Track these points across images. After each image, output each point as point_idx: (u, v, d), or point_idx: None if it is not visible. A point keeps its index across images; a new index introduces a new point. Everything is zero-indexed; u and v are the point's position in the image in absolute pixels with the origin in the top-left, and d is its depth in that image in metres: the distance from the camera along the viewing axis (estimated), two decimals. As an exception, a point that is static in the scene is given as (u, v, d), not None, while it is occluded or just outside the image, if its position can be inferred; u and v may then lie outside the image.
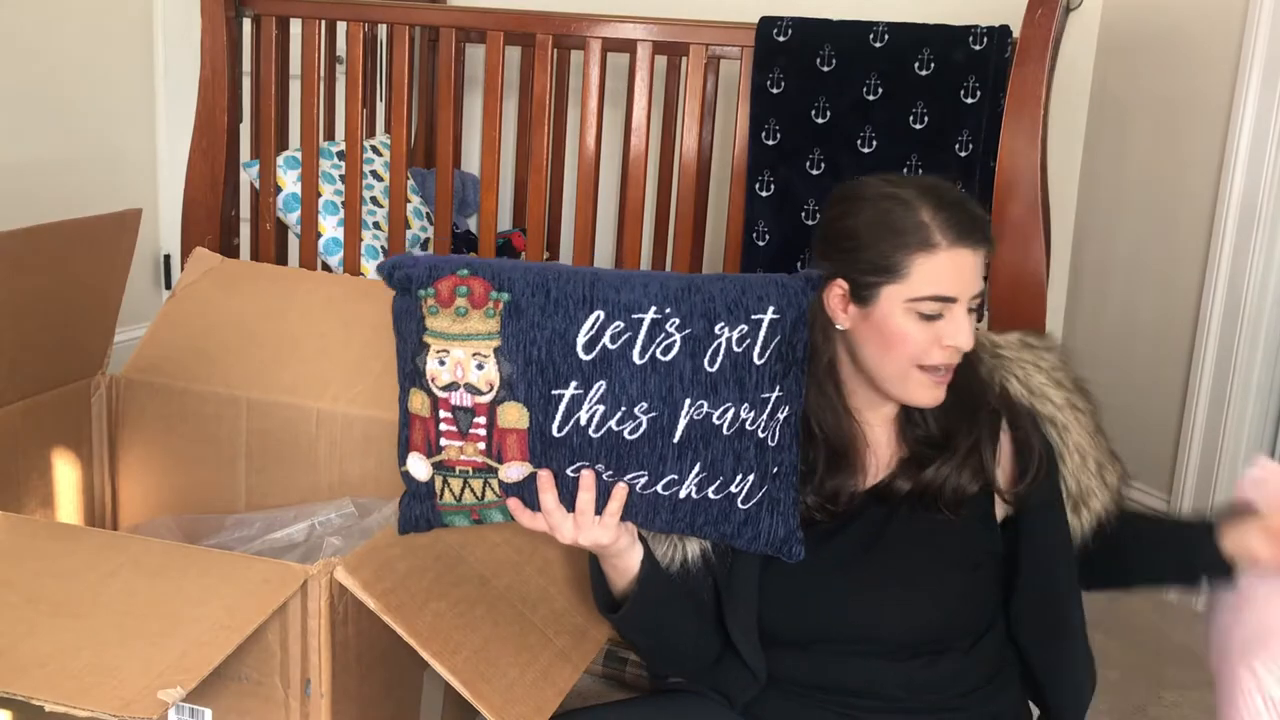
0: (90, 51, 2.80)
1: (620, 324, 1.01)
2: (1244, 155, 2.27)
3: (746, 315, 1.04)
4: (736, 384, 1.04)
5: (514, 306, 1.01)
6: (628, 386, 1.01)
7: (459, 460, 1.04)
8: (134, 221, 1.64)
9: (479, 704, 1.07)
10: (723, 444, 1.05)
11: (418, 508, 1.10)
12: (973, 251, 1.15)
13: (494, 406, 1.02)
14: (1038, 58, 1.87)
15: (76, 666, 0.97)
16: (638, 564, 1.14)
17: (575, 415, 1.01)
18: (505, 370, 1.01)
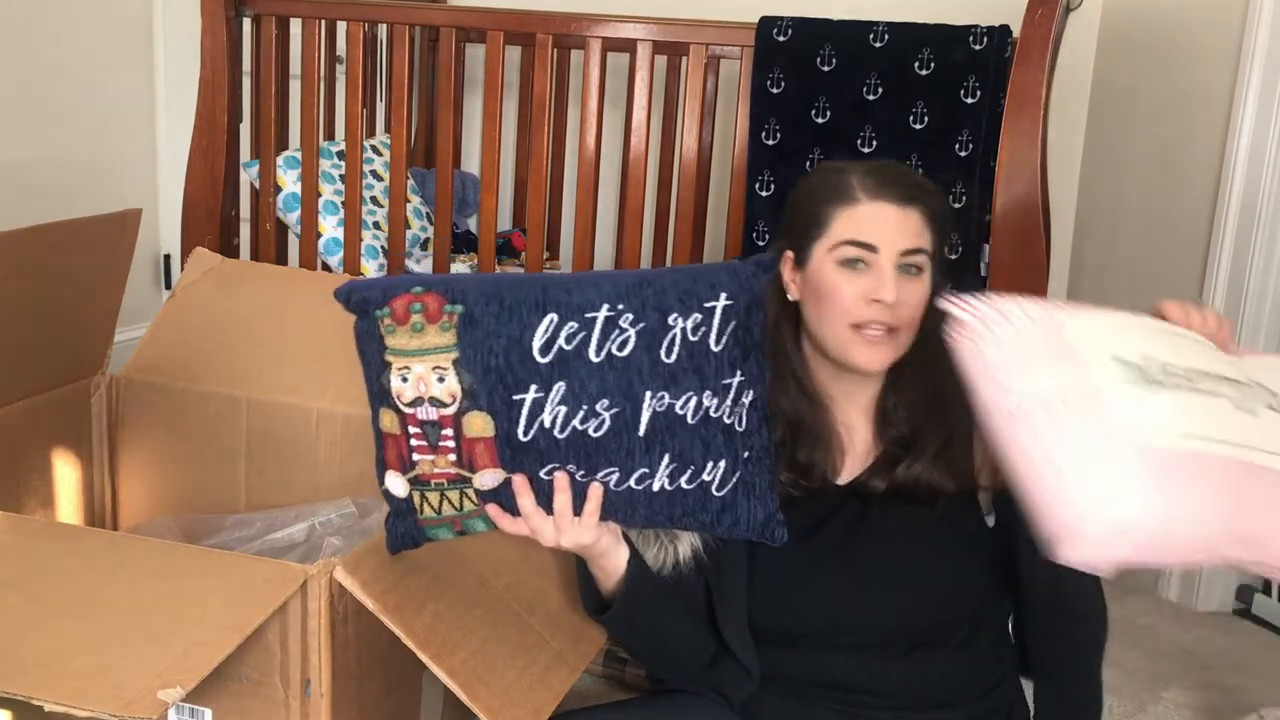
0: (90, 51, 2.80)
1: (574, 324, 1.02)
2: (1244, 155, 2.27)
3: (699, 304, 1.05)
4: (695, 373, 1.05)
5: (468, 317, 1.02)
6: (587, 385, 1.02)
7: (433, 474, 1.05)
8: (134, 221, 1.64)
9: (476, 706, 1.07)
10: (689, 433, 1.06)
11: (401, 525, 1.11)
12: (898, 207, 1.19)
13: (459, 418, 1.03)
14: (1038, 58, 1.87)
15: (76, 666, 0.97)
16: (624, 564, 1.15)
17: (539, 418, 1.02)
18: (465, 381, 1.01)
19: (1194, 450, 0.94)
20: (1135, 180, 2.74)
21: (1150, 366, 0.97)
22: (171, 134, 2.96)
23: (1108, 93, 2.89)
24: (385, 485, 1.09)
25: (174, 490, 1.74)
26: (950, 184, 2.03)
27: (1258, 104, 2.25)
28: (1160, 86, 2.65)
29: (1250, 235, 2.28)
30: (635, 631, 1.21)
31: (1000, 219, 1.93)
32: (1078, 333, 0.99)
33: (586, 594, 1.21)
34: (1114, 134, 2.85)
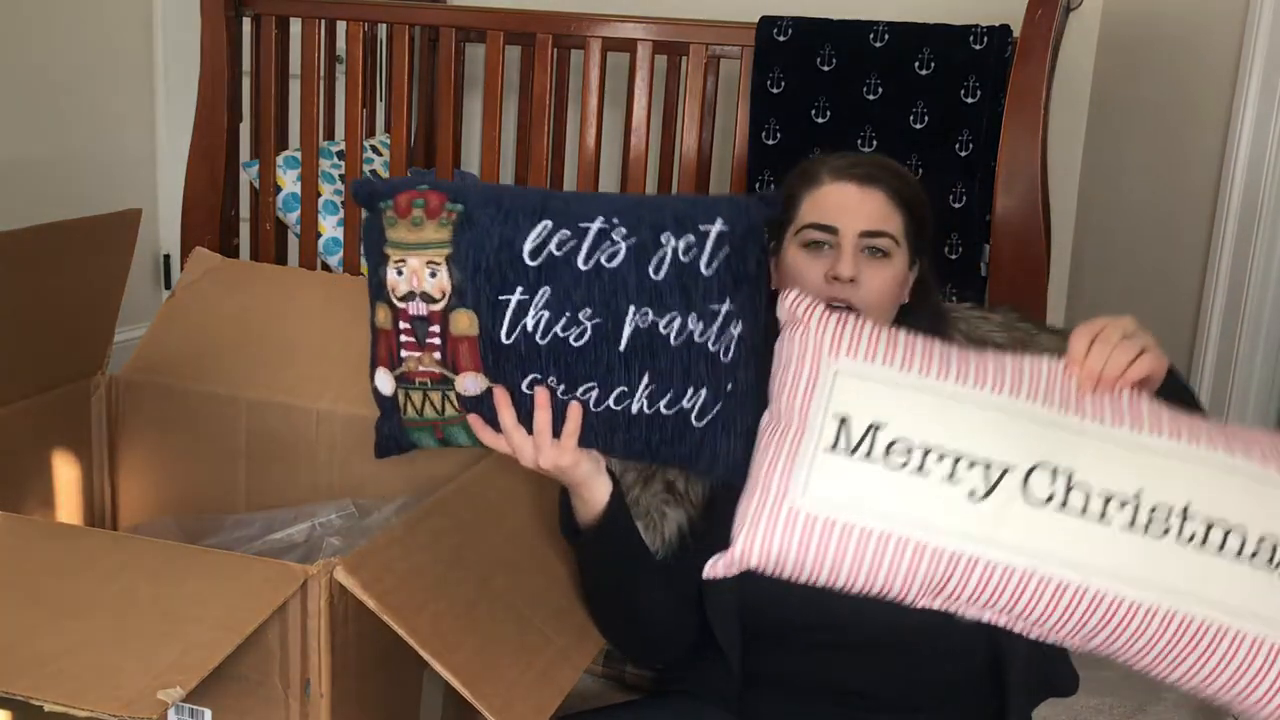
0: (90, 51, 2.80)
1: (567, 232, 1.03)
2: (1244, 155, 2.27)
3: (694, 226, 1.05)
4: (682, 293, 1.04)
5: (467, 217, 1.04)
6: (572, 292, 1.03)
7: (418, 371, 1.07)
8: (134, 221, 1.64)
9: (479, 704, 1.07)
10: (670, 355, 1.05)
11: (386, 426, 1.13)
12: (858, 187, 1.19)
13: (446, 314, 1.04)
14: (1038, 58, 1.87)
15: (76, 666, 0.96)
16: (605, 496, 1.14)
17: (522, 321, 1.03)
18: (456, 277, 1.03)
19: (842, 521, 0.98)
20: (1135, 180, 2.74)
21: (865, 438, 0.99)
22: (171, 134, 2.96)
23: (1108, 93, 2.89)
24: (374, 383, 1.11)
25: (174, 490, 1.73)
26: (950, 184, 2.03)
27: (1258, 104, 2.25)
28: (1160, 86, 2.65)
29: (1250, 235, 2.28)
30: (604, 570, 1.21)
31: (1000, 219, 1.93)
32: (844, 377, 1.02)
33: (564, 517, 1.21)
34: (1114, 134, 2.85)
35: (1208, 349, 2.38)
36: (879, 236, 1.19)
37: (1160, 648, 0.98)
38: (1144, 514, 0.97)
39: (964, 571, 0.98)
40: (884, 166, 1.22)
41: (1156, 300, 2.62)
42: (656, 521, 1.21)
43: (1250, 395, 2.32)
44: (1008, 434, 0.99)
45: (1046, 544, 0.97)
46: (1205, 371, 2.39)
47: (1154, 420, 1.01)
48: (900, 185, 1.21)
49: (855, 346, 1.03)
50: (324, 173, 2.49)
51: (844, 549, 0.98)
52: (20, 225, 1.46)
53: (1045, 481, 0.97)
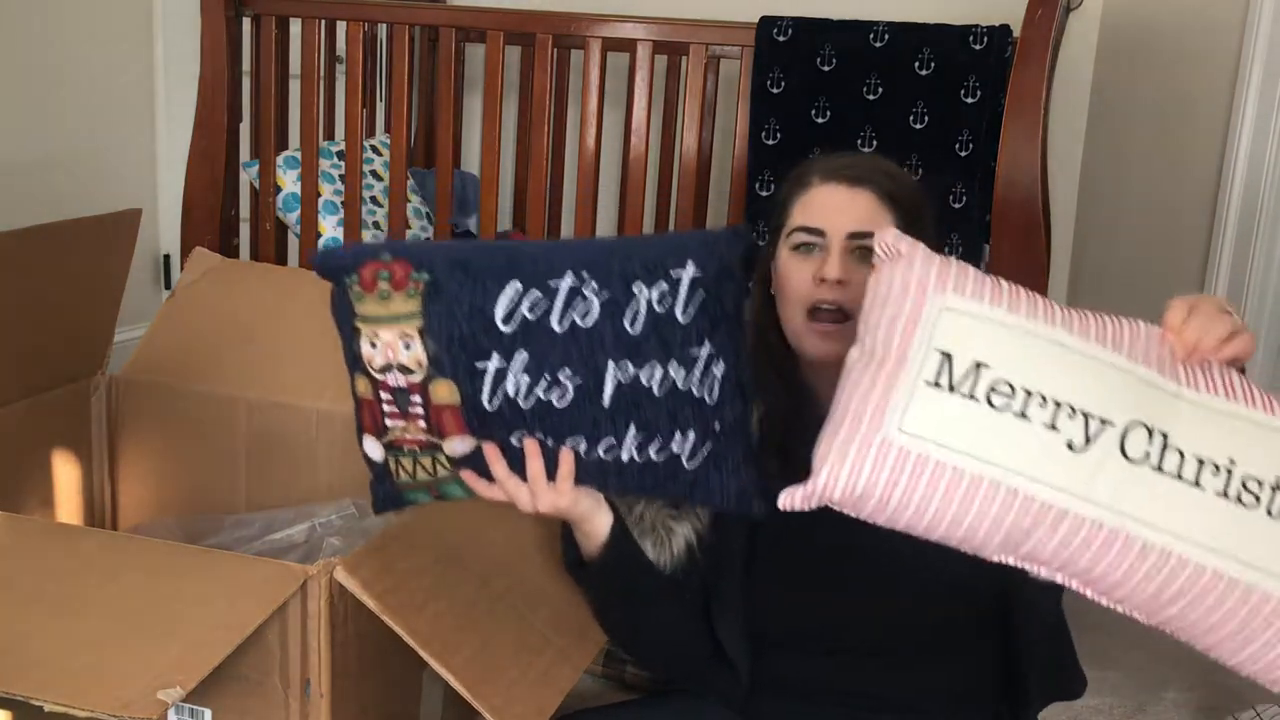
0: (90, 51, 2.80)
1: (538, 293, 1.02)
2: (1244, 155, 2.27)
3: (664, 273, 1.03)
4: (660, 344, 1.03)
5: (434, 286, 1.02)
6: (549, 355, 1.02)
7: (405, 439, 1.06)
8: (134, 221, 1.64)
9: (479, 704, 1.07)
10: (655, 404, 1.04)
11: (380, 489, 1.12)
12: (847, 188, 1.18)
13: (425, 385, 1.03)
14: (1038, 58, 1.87)
15: (76, 666, 0.96)
16: (606, 528, 1.14)
17: (502, 387, 1.02)
18: (430, 349, 1.02)
19: (936, 458, 0.95)
20: (1135, 180, 2.74)
21: (967, 376, 0.96)
22: (171, 134, 2.96)
23: (1108, 93, 2.89)
24: (363, 449, 1.10)
25: (174, 490, 1.73)
26: (950, 184, 2.02)
27: (1258, 104, 2.25)
28: (1160, 86, 2.65)
29: (1250, 235, 2.28)
30: (612, 599, 1.21)
31: (1000, 219, 1.93)
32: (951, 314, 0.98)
33: (568, 550, 1.20)
34: (1114, 134, 2.85)
35: (1208, 349, 2.37)
36: (868, 237, 1.17)
37: (1233, 624, 0.96)
38: (1236, 483, 0.95)
39: (1051, 525, 0.95)
40: (874, 167, 1.22)
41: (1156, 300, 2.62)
42: (664, 537, 1.20)
43: (1250, 395, 2.31)
44: (1110, 387, 0.97)
45: (1137, 504, 0.95)
46: (1205, 371, 2.38)
47: (1246, 393, 0.99)
48: (891, 184, 1.20)
49: (963, 284, 0.99)
50: (324, 173, 2.49)
51: (934, 489, 0.94)
52: (20, 225, 1.46)
53: (1142, 440, 0.95)
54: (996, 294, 1.00)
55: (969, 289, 0.99)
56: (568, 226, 2.91)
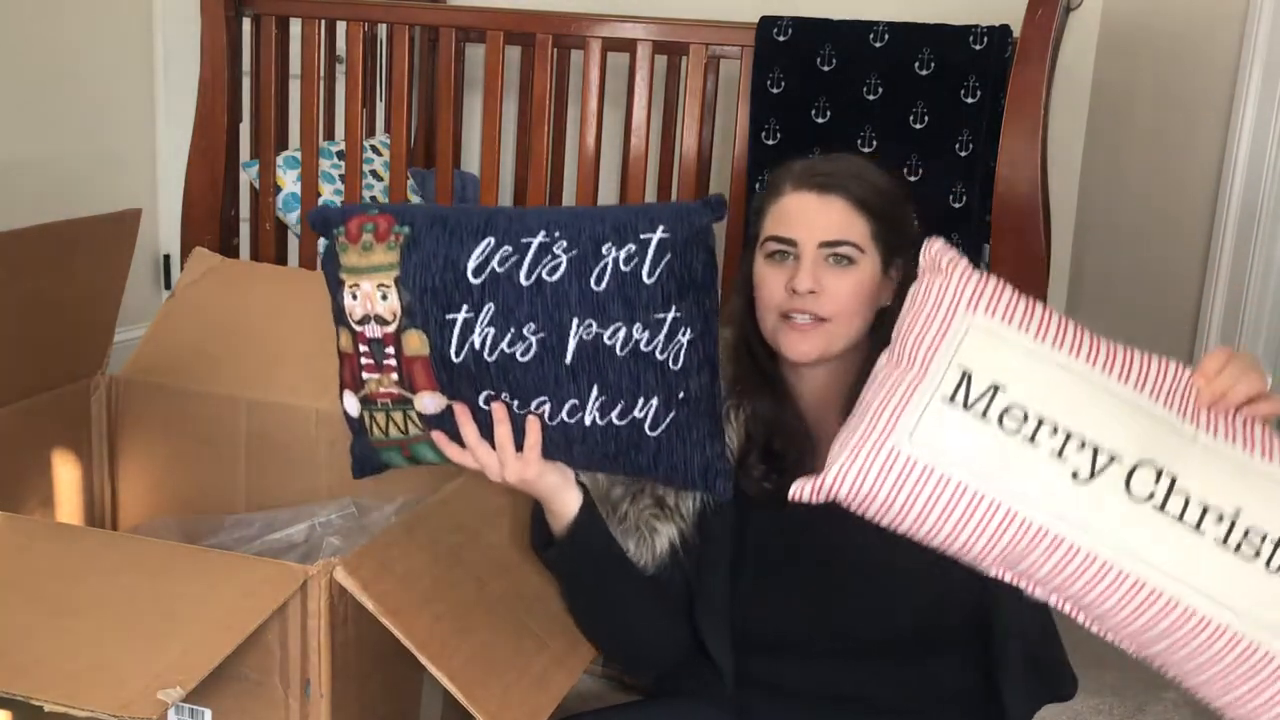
0: (90, 51, 2.80)
1: (509, 248, 1.04)
2: (1244, 155, 2.27)
3: (634, 235, 1.05)
4: (624, 303, 1.04)
5: (413, 239, 1.05)
6: (515, 308, 1.04)
7: (379, 393, 1.09)
8: (134, 221, 1.64)
9: (474, 708, 1.07)
10: (617, 365, 1.06)
11: (357, 446, 1.16)
12: (817, 195, 1.18)
13: (399, 335, 1.06)
14: (1038, 58, 1.87)
15: (76, 666, 0.96)
16: (575, 507, 1.15)
17: (469, 339, 1.04)
18: (405, 299, 1.05)
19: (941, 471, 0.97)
20: (1135, 180, 2.74)
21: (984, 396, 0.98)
22: (171, 134, 2.96)
23: (1108, 93, 2.89)
24: (343, 406, 1.14)
25: (174, 490, 1.73)
26: (950, 184, 2.03)
27: (1258, 104, 2.25)
28: (1160, 86, 2.65)
29: (1250, 235, 2.28)
30: (578, 581, 1.21)
31: (1000, 219, 1.93)
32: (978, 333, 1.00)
33: (536, 530, 1.21)
34: (1114, 134, 2.85)
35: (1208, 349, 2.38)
36: (840, 245, 1.18)
37: (1218, 669, 0.97)
38: (1238, 533, 0.96)
39: (1047, 549, 0.97)
40: (849, 173, 1.21)
41: (1156, 300, 2.62)
42: (647, 537, 1.20)
43: (1250, 395, 2.31)
44: (1124, 424, 0.98)
45: (1134, 540, 0.96)
46: (1205, 371, 2.38)
47: (1265, 446, 1.00)
48: (864, 190, 1.19)
49: (995, 305, 1.01)
50: (324, 173, 2.49)
51: (935, 499, 0.97)
52: (20, 225, 1.46)
53: (1149, 479, 0.96)
54: (1027, 319, 1.01)
55: (1001, 311, 1.01)
56: (568, 226, 2.91)
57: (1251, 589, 0.95)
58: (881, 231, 1.20)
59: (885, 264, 1.21)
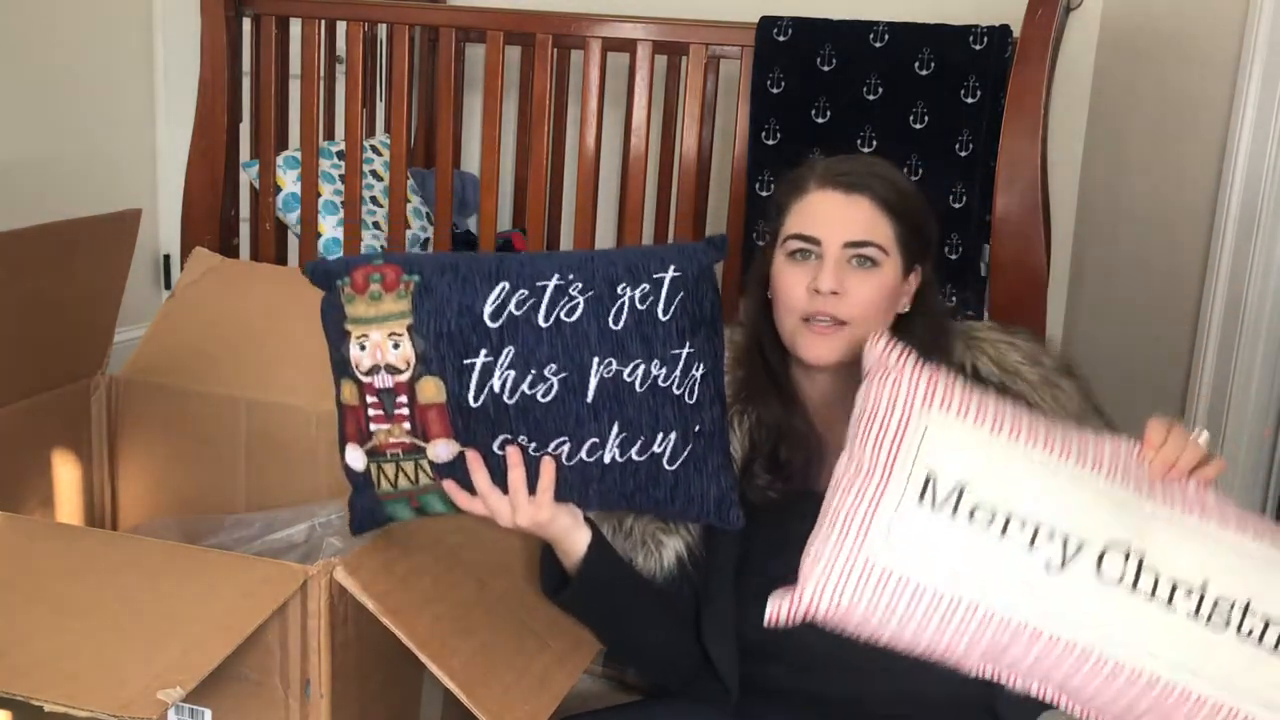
0: (90, 51, 2.80)
1: (524, 292, 1.05)
2: (1244, 155, 2.27)
3: (647, 274, 1.08)
4: (642, 340, 1.07)
5: (424, 286, 1.05)
6: (535, 350, 1.05)
7: (389, 444, 1.08)
8: (134, 221, 1.64)
9: (475, 708, 1.07)
10: (637, 401, 1.07)
11: (359, 501, 1.13)
12: (843, 194, 1.17)
13: (412, 384, 1.05)
14: (1038, 58, 1.87)
15: (76, 666, 0.96)
16: (584, 546, 1.14)
17: (489, 383, 1.04)
18: (419, 346, 1.04)
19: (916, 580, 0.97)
20: (1135, 180, 2.74)
21: (951, 496, 0.98)
22: (171, 134, 2.96)
23: (1108, 93, 2.89)
24: (345, 460, 1.12)
25: (174, 490, 1.73)
26: (950, 184, 2.03)
27: (1258, 104, 2.25)
28: (1160, 86, 2.65)
29: (1250, 235, 2.28)
30: (599, 617, 1.20)
31: (1000, 219, 1.93)
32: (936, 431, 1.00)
33: (546, 574, 1.20)
34: (1114, 134, 2.85)
35: (1208, 349, 2.38)
36: (865, 246, 1.16)
37: None
38: (1207, 605, 0.98)
39: (1028, 642, 0.98)
40: (874, 174, 1.19)
41: (1156, 300, 2.62)
42: (654, 550, 1.20)
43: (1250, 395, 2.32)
44: (1088, 508, 0.99)
45: (1111, 623, 0.97)
46: (1205, 371, 2.39)
47: (1221, 513, 1.02)
48: (890, 192, 1.18)
49: (949, 400, 1.02)
50: (324, 173, 2.49)
51: (914, 610, 0.98)
52: (20, 225, 1.46)
53: (1118, 561, 0.97)
54: (981, 412, 1.02)
55: (955, 406, 1.01)
56: (568, 226, 2.92)
57: (1226, 658, 0.97)
58: (904, 235, 1.19)
59: (906, 269, 1.20)
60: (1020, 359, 1.25)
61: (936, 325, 1.25)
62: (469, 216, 2.93)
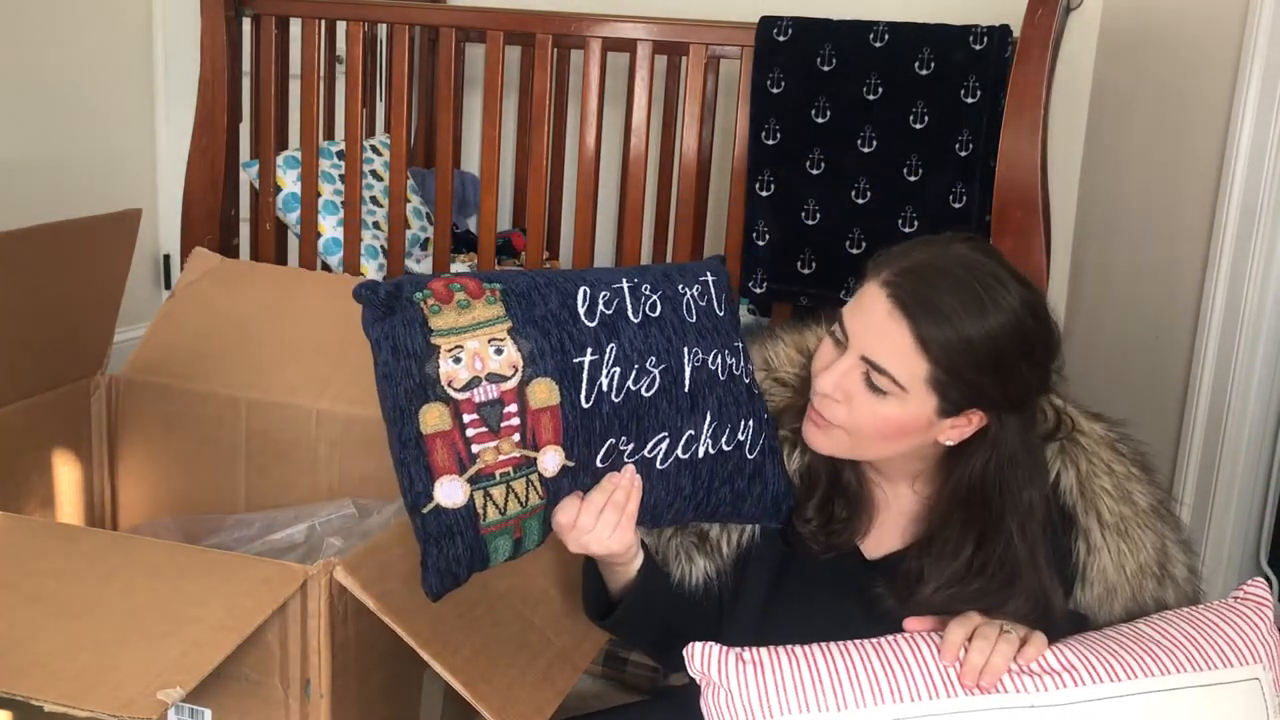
0: (90, 51, 2.80)
1: (606, 292, 1.06)
2: (1244, 155, 2.27)
3: (693, 278, 1.14)
4: (714, 331, 1.12)
5: (509, 291, 1.02)
6: (635, 343, 1.05)
7: (498, 463, 0.98)
8: (134, 221, 1.64)
9: (479, 704, 1.07)
10: (722, 389, 1.10)
11: (454, 548, 0.98)
12: (889, 308, 1.04)
13: (523, 388, 0.99)
14: (1038, 57, 1.87)
15: (76, 666, 0.96)
16: (637, 569, 1.14)
17: (598, 381, 1.02)
18: (524, 347, 0.99)
19: None
20: (1135, 180, 2.74)
21: None
22: (171, 134, 2.96)
23: (1108, 93, 2.89)
24: (437, 499, 0.97)
25: (174, 490, 1.73)
26: (950, 184, 2.03)
27: (1258, 104, 2.25)
28: (1160, 86, 2.65)
29: (1250, 235, 2.28)
30: (647, 628, 1.20)
31: (1000, 219, 1.93)
32: None
33: (591, 599, 1.19)
34: (1114, 134, 2.85)
35: (1208, 349, 2.38)
36: (879, 373, 1.05)
37: None
38: None
39: None
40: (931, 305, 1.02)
41: (1156, 300, 2.62)
42: (684, 564, 1.19)
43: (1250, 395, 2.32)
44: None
45: None
46: (1205, 371, 2.39)
47: (1089, 671, 0.98)
48: (939, 335, 1.02)
49: (785, 700, 0.97)
50: (324, 173, 2.49)
51: None
52: (20, 225, 1.46)
53: None
54: (819, 695, 0.97)
55: (792, 703, 0.97)
56: (568, 226, 2.92)
57: None
58: (944, 381, 1.04)
59: (947, 410, 1.07)
60: (1110, 488, 1.14)
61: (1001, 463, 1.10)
62: (469, 216, 2.92)
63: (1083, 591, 1.12)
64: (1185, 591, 1.14)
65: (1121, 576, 1.12)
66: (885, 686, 0.97)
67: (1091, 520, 1.13)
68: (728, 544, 1.19)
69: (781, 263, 2.13)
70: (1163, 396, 2.54)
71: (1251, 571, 2.25)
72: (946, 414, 1.07)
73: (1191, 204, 2.46)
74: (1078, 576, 1.13)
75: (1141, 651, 1.01)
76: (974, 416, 1.08)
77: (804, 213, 2.10)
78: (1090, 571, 1.12)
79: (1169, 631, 1.04)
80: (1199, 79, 2.45)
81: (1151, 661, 1.00)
